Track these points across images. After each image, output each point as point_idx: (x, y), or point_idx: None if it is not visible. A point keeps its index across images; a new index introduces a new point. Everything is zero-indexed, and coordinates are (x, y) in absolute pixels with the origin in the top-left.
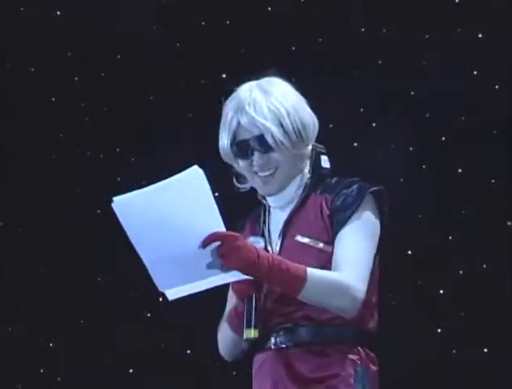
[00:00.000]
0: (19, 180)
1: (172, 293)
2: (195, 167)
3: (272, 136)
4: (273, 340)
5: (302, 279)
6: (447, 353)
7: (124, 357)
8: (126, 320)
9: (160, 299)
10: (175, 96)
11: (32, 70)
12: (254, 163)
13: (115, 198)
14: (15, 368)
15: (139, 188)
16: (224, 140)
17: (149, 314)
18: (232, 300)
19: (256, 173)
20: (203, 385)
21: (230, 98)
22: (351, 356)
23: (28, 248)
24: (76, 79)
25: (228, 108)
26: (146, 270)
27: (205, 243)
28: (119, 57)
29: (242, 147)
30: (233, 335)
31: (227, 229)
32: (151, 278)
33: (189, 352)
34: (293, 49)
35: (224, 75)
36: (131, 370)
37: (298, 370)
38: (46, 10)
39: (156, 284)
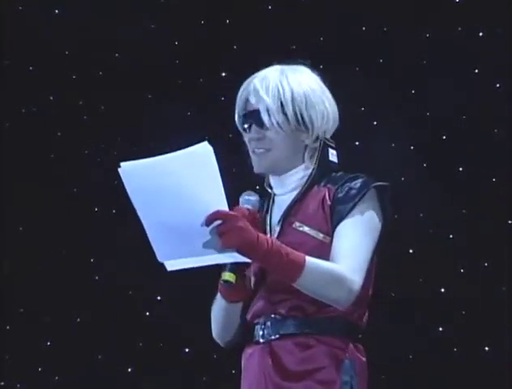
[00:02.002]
0: (16, 178)
1: (171, 265)
2: (205, 143)
3: (268, 113)
4: (261, 332)
5: (300, 266)
6: (449, 352)
7: (122, 356)
8: (125, 319)
9: (159, 298)
10: (173, 95)
11: (31, 68)
12: (250, 136)
13: (122, 164)
14: (14, 367)
15: None
16: (235, 112)
17: (148, 313)
18: None
19: (253, 149)
20: (201, 383)
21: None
22: (338, 347)
23: (26, 247)
24: (74, 77)
25: (244, 83)
26: (145, 269)
27: (207, 221)
28: (117, 55)
29: (244, 120)
30: (225, 305)
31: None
32: (152, 249)
33: (187, 350)
34: (293, 47)
35: (223, 74)
36: (129, 369)
37: (285, 364)
38: (44, 8)
39: (156, 254)
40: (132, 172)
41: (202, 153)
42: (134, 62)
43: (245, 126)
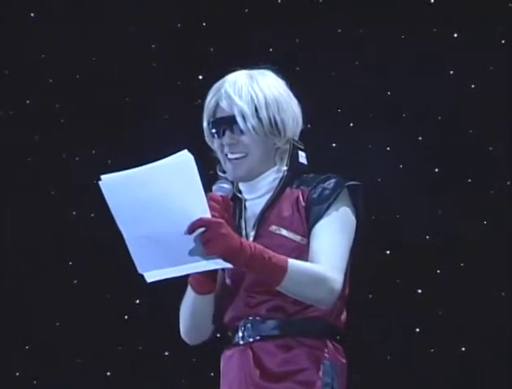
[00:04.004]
0: None
1: (151, 276)
2: (185, 151)
3: (243, 118)
4: (240, 334)
5: (284, 269)
6: (425, 352)
7: (101, 360)
8: (103, 323)
9: (138, 301)
10: (151, 98)
11: (6, 72)
12: (224, 142)
13: (103, 177)
14: None
15: None
16: (204, 120)
17: (126, 316)
18: None
19: (227, 155)
20: (180, 386)
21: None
22: (318, 349)
23: (5, 249)
24: (51, 80)
25: (212, 88)
26: (123, 272)
27: (190, 229)
28: (94, 59)
29: (216, 126)
30: (194, 298)
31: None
32: (132, 260)
33: (166, 353)
34: (270, 50)
35: (200, 77)
36: (108, 373)
37: (266, 365)
38: (20, 11)
39: (136, 266)
40: (113, 184)
41: (183, 162)
42: (111, 66)
43: (217, 131)
